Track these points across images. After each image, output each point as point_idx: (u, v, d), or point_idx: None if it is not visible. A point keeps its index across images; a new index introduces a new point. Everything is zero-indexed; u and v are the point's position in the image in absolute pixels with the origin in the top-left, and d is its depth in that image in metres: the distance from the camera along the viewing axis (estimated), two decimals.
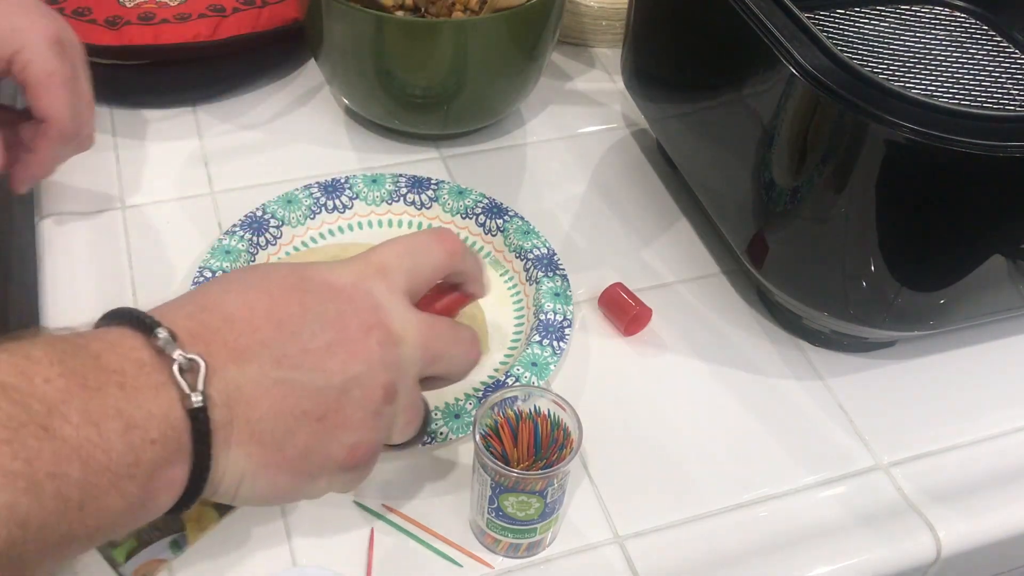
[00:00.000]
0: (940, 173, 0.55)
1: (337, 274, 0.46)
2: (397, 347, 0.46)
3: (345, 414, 0.44)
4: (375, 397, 0.45)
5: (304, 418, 0.43)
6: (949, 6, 0.78)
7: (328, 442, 0.44)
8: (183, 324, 0.41)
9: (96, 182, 0.77)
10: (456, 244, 0.50)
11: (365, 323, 0.45)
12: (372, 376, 0.44)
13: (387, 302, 0.46)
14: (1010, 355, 0.71)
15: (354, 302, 0.45)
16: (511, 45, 0.77)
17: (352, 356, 0.44)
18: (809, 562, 0.57)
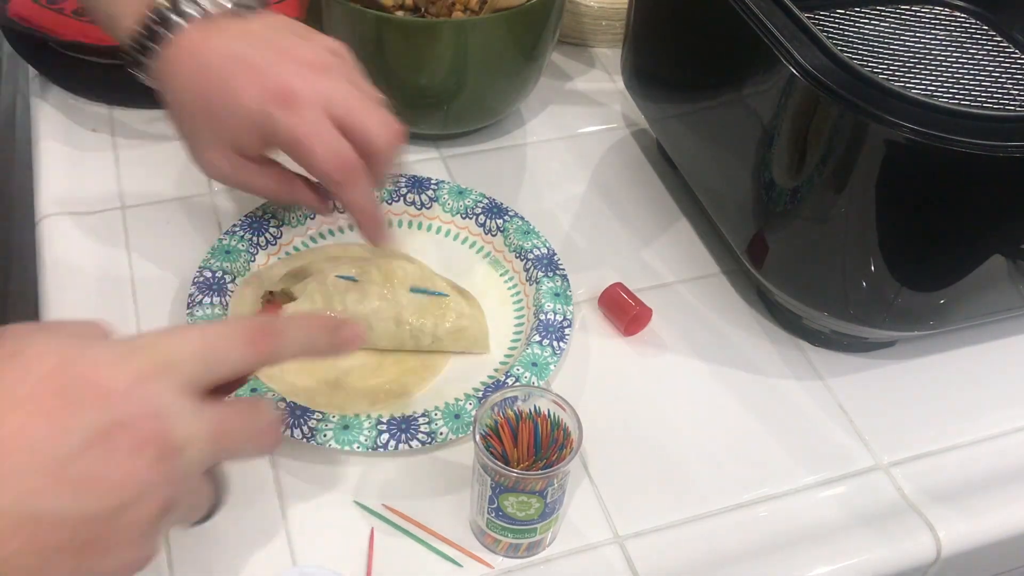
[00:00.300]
0: (940, 173, 0.55)
1: (112, 374, 0.40)
2: (178, 456, 0.40)
3: (110, 541, 0.39)
4: (147, 518, 0.40)
5: (61, 551, 0.38)
6: (949, 6, 0.78)
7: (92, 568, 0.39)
8: None
9: (96, 182, 0.77)
10: (265, 347, 0.44)
11: (139, 436, 0.39)
12: (144, 497, 0.40)
13: (169, 406, 0.40)
14: (1010, 355, 0.71)
15: (127, 408, 0.39)
16: (511, 45, 0.77)
17: (120, 479, 0.39)
18: (809, 562, 0.57)
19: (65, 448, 0.38)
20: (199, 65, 0.59)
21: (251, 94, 0.58)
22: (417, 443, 0.59)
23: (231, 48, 0.59)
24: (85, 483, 0.38)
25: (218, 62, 0.59)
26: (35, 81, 0.85)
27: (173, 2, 0.59)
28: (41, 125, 0.82)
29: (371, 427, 0.59)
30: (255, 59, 0.59)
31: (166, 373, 0.41)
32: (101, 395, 0.39)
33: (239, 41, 0.60)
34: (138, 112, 0.83)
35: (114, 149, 0.80)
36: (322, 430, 0.59)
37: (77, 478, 0.38)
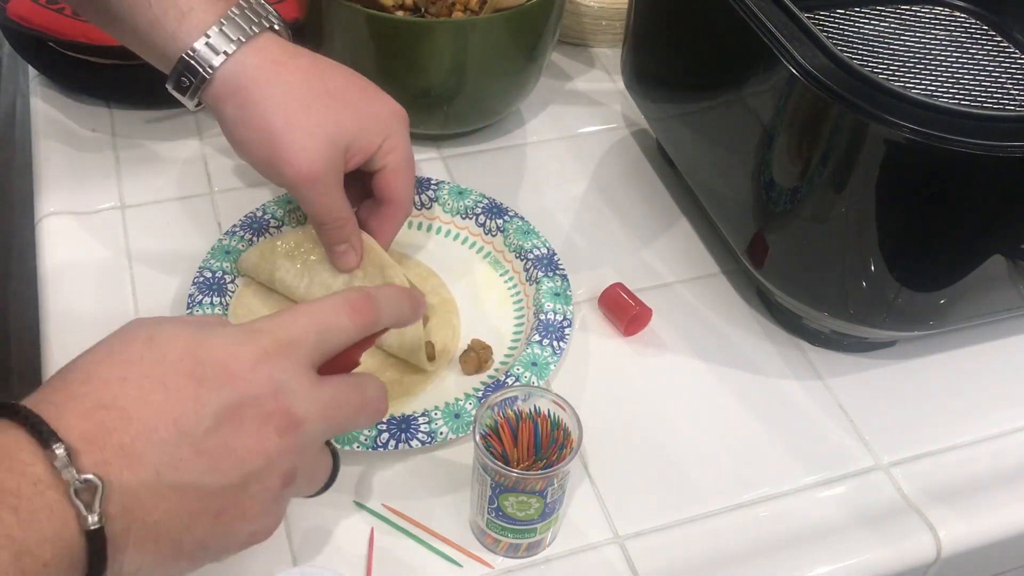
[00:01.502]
0: (940, 173, 0.55)
1: (236, 355, 0.44)
2: (298, 430, 0.44)
3: (243, 508, 0.44)
4: (274, 487, 0.44)
5: (201, 516, 0.42)
6: (949, 6, 0.78)
7: (226, 534, 0.44)
8: (79, 426, 0.40)
9: (96, 182, 0.77)
10: (368, 315, 0.48)
11: (263, 412, 0.43)
12: (270, 468, 0.44)
13: (289, 383, 0.44)
14: (1010, 355, 0.71)
15: (252, 388, 0.43)
16: (511, 45, 0.77)
17: (249, 452, 0.43)
18: (809, 562, 0.57)
19: (201, 424, 0.42)
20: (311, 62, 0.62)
21: (389, 104, 0.64)
22: (417, 443, 0.59)
23: None
24: (220, 455, 0.42)
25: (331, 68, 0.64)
26: (35, 81, 0.85)
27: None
28: (41, 125, 0.82)
29: (371, 427, 0.59)
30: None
31: (285, 353, 0.44)
32: (228, 375, 0.43)
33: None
34: (138, 112, 0.83)
35: (114, 149, 0.80)
36: None
37: (213, 450, 0.42)
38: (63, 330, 0.66)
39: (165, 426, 0.41)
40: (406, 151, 0.65)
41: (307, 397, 0.45)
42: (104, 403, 0.41)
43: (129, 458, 0.40)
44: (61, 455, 0.39)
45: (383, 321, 0.49)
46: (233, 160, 0.80)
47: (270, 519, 0.46)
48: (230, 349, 0.44)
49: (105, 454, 0.40)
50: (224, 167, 0.80)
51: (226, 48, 0.59)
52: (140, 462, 0.41)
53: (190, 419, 0.42)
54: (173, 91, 0.61)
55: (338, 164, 0.61)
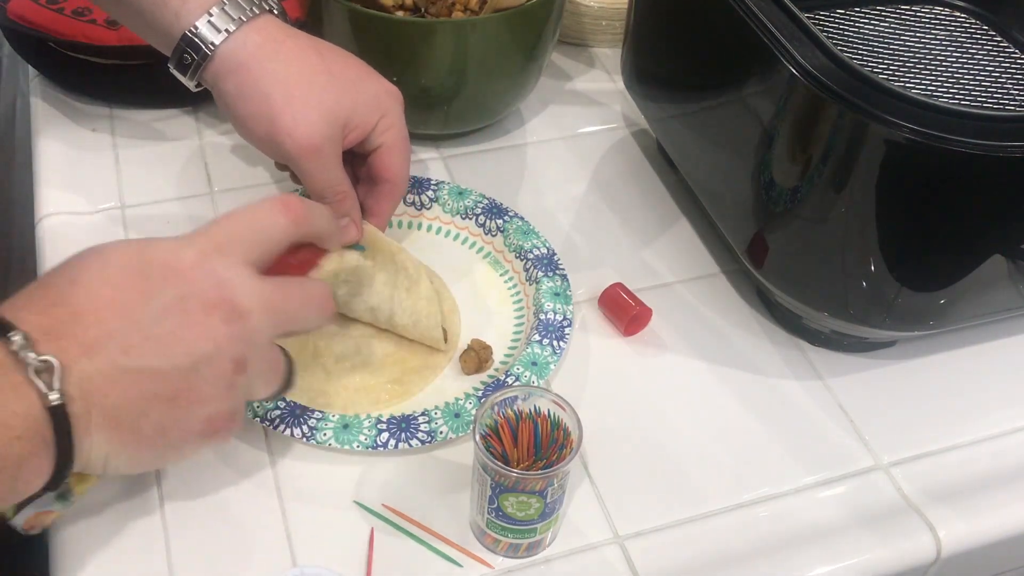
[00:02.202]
0: (940, 173, 0.55)
1: (178, 254, 0.47)
2: (243, 320, 0.47)
3: (197, 391, 0.47)
4: (225, 371, 0.47)
5: (155, 400, 0.46)
6: (949, 6, 0.78)
7: (183, 418, 0.47)
8: (36, 321, 0.44)
9: (96, 182, 0.77)
10: (299, 211, 0.51)
11: (207, 302, 0.47)
12: (219, 353, 0.47)
13: (231, 276, 0.48)
14: (1010, 355, 0.71)
15: (195, 283, 0.47)
16: (511, 45, 0.77)
17: (197, 337, 0.46)
18: (809, 562, 0.57)
19: (149, 314, 0.45)
20: (310, 42, 0.64)
21: (385, 84, 0.65)
22: (417, 442, 0.59)
23: None
24: (168, 340, 0.46)
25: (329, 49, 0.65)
26: (35, 81, 0.85)
27: None
28: (41, 125, 0.82)
29: (371, 427, 0.59)
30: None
31: (224, 249, 0.48)
32: (172, 272, 0.47)
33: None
34: (138, 112, 0.83)
35: (114, 149, 0.80)
36: (322, 429, 0.59)
37: (161, 336, 0.45)
38: None
39: (114, 317, 0.45)
40: (402, 130, 0.66)
41: (249, 290, 0.48)
42: (56, 302, 0.45)
43: (83, 346, 0.44)
44: (18, 340, 0.43)
45: (315, 222, 0.53)
46: (233, 160, 0.80)
47: (225, 403, 0.48)
48: (172, 251, 0.47)
49: (61, 343, 0.44)
50: (224, 167, 0.80)
51: (227, 27, 0.60)
52: (93, 349, 0.44)
53: (138, 310, 0.45)
54: (174, 70, 0.63)
55: (337, 138, 0.62)
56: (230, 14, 0.61)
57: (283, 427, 0.59)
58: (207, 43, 0.60)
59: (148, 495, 0.57)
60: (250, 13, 0.61)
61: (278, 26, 0.63)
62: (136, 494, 0.57)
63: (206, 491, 0.58)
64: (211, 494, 0.58)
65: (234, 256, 0.48)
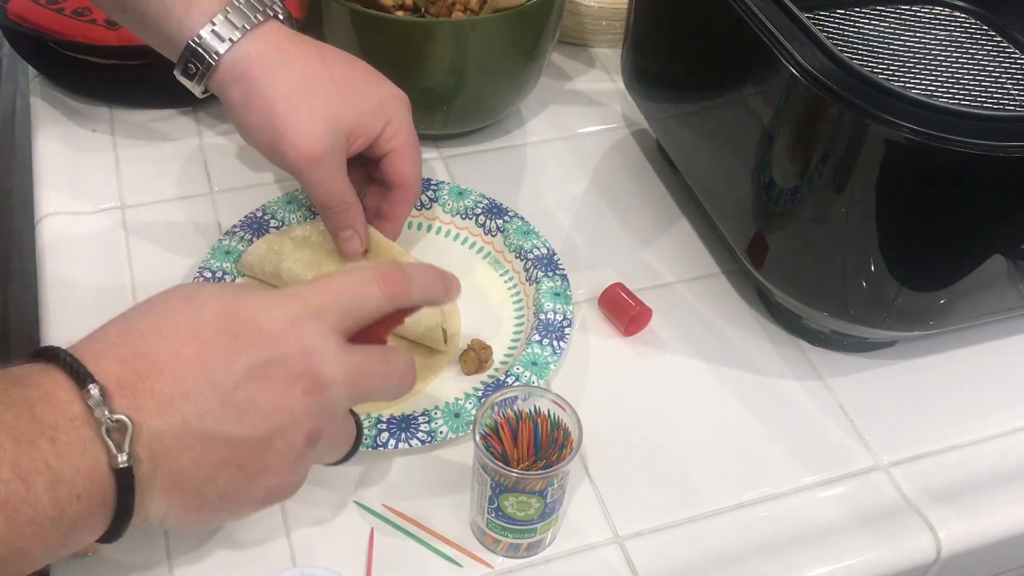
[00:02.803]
0: (940, 173, 0.55)
1: (269, 315, 0.45)
2: (324, 392, 0.46)
3: (265, 461, 0.45)
4: (297, 444, 0.46)
5: (224, 467, 0.44)
6: (949, 6, 0.78)
7: (248, 486, 0.46)
8: (114, 372, 0.42)
9: (96, 182, 0.77)
10: (399, 287, 0.49)
11: (292, 372, 0.45)
12: (295, 426, 0.45)
13: (318, 346, 0.46)
14: (1010, 355, 0.71)
15: (282, 348, 0.45)
16: (511, 45, 0.77)
17: (275, 408, 0.45)
18: (809, 562, 0.57)
19: (231, 378, 0.44)
20: (314, 48, 0.63)
21: (391, 89, 0.65)
22: (417, 442, 0.59)
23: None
24: (246, 408, 0.44)
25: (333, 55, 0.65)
26: (35, 81, 0.85)
27: None
28: (41, 125, 0.82)
29: (371, 426, 0.59)
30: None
31: (316, 317, 0.46)
32: (259, 334, 0.45)
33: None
34: (138, 112, 0.83)
35: (114, 149, 0.80)
36: None
37: (240, 404, 0.44)
38: (63, 330, 0.65)
39: (195, 376, 0.43)
40: (410, 134, 0.65)
41: (334, 361, 0.46)
42: (139, 352, 0.43)
43: (159, 405, 0.43)
44: (95, 395, 0.41)
45: (414, 295, 0.51)
46: (233, 160, 0.80)
47: (292, 476, 0.47)
48: (264, 310, 0.46)
49: (137, 399, 0.42)
50: (224, 167, 0.80)
51: (231, 35, 0.60)
52: (169, 409, 0.43)
53: (220, 372, 0.44)
54: (180, 77, 0.62)
55: (340, 147, 0.62)
56: (234, 22, 0.60)
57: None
58: (211, 52, 0.60)
59: None
60: (254, 20, 0.61)
61: (283, 33, 0.62)
62: None
63: None
64: None
65: (324, 323, 0.47)
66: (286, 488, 0.48)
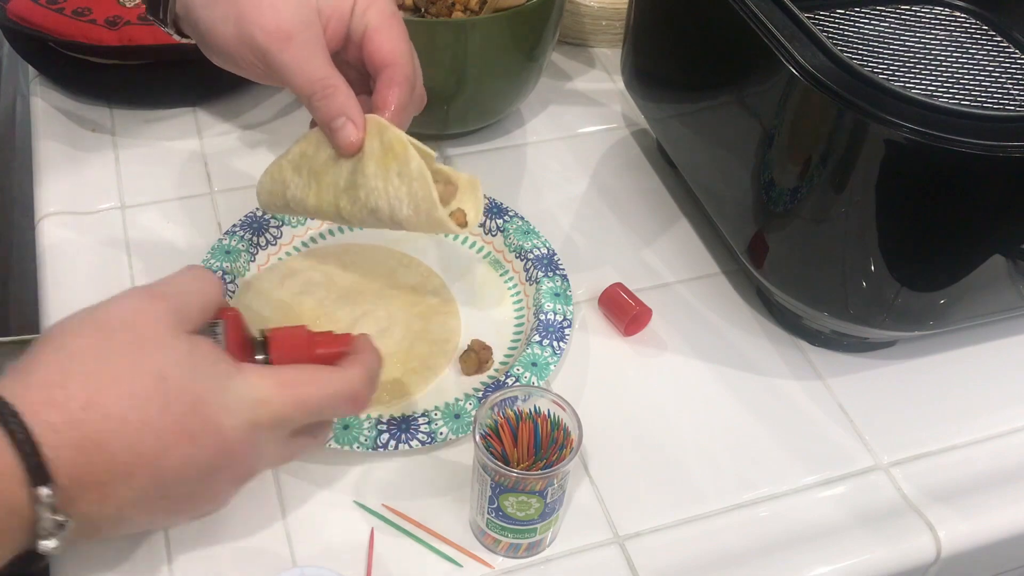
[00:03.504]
0: (940, 173, 0.55)
1: (234, 422, 0.46)
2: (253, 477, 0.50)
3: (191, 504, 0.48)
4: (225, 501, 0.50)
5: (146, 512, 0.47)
6: (949, 6, 0.78)
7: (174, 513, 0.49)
8: (68, 463, 0.42)
9: (96, 182, 0.77)
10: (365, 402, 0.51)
11: (236, 475, 0.48)
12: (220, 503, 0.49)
13: (269, 452, 0.49)
14: (1010, 355, 0.71)
15: (237, 458, 0.47)
16: (511, 45, 0.77)
17: (209, 501, 0.49)
18: (809, 562, 0.57)
19: (178, 479, 0.45)
20: None
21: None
22: (417, 443, 0.59)
23: None
24: (181, 502, 0.47)
25: None
26: (35, 81, 0.85)
27: None
28: (41, 125, 0.82)
29: (371, 427, 0.59)
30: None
31: (278, 427, 0.48)
32: (219, 440, 0.46)
33: None
34: (138, 112, 0.83)
35: (114, 149, 0.80)
36: None
37: (176, 498, 0.46)
38: None
39: (145, 477, 0.44)
40: (386, 6, 0.57)
41: (274, 457, 0.50)
42: (99, 442, 0.43)
43: (102, 497, 0.43)
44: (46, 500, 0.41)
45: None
46: (233, 160, 0.80)
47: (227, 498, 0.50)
48: (232, 415, 0.46)
49: (83, 492, 0.43)
50: (224, 167, 0.80)
51: None
52: (110, 499, 0.43)
53: (170, 477, 0.45)
54: (150, 15, 0.59)
55: (312, 23, 0.55)
56: None
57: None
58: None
59: None
60: None
61: None
62: None
63: None
64: None
65: (280, 432, 0.49)
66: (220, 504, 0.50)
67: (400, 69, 0.57)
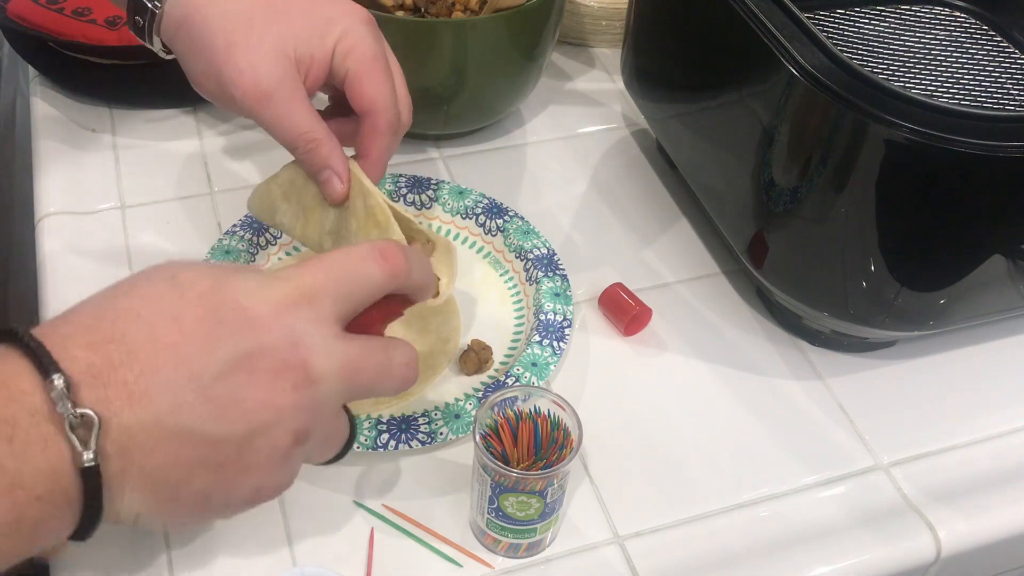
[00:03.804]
0: (940, 173, 0.55)
1: (257, 300, 0.42)
2: (314, 387, 0.42)
3: (247, 461, 0.42)
4: (283, 444, 0.42)
5: (200, 467, 0.41)
6: (949, 6, 0.78)
7: (227, 487, 0.42)
8: (83, 359, 0.39)
9: (96, 182, 0.77)
10: (400, 263, 0.45)
11: (279, 363, 0.41)
12: (280, 424, 0.41)
13: (310, 336, 0.42)
14: (1010, 355, 0.71)
15: (271, 336, 0.41)
16: (511, 45, 0.77)
17: (259, 404, 0.41)
18: (809, 562, 0.57)
19: (212, 369, 0.40)
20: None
21: (344, 5, 0.57)
22: (417, 443, 0.59)
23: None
24: (226, 404, 0.40)
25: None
26: (35, 81, 0.85)
27: None
28: (41, 125, 0.82)
29: (371, 427, 0.59)
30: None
31: (308, 302, 0.42)
32: (247, 321, 0.41)
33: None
34: (138, 112, 0.83)
35: (114, 149, 0.80)
36: None
37: (220, 398, 0.40)
38: None
39: (173, 367, 0.39)
40: (368, 51, 0.56)
41: (328, 352, 0.42)
42: (112, 337, 0.39)
43: (131, 396, 0.39)
44: (59, 386, 0.37)
45: (413, 277, 0.46)
46: (233, 160, 0.80)
47: (277, 477, 0.43)
48: (252, 293, 0.42)
49: (107, 391, 0.39)
50: (224, 167, 0.80)
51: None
52: (141, 402, 0.39)
53: (199, 363, 0.40)
54: (135, 34, 0.58)
55: (290, 78, 0.54)
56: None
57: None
58: (153, 1, 0.55)
59: None
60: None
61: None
62: None
63: None
64: None
65: (318, 309, 0.42)
66: (271, 489, 0.44)
67: (381, 116, 0.57)
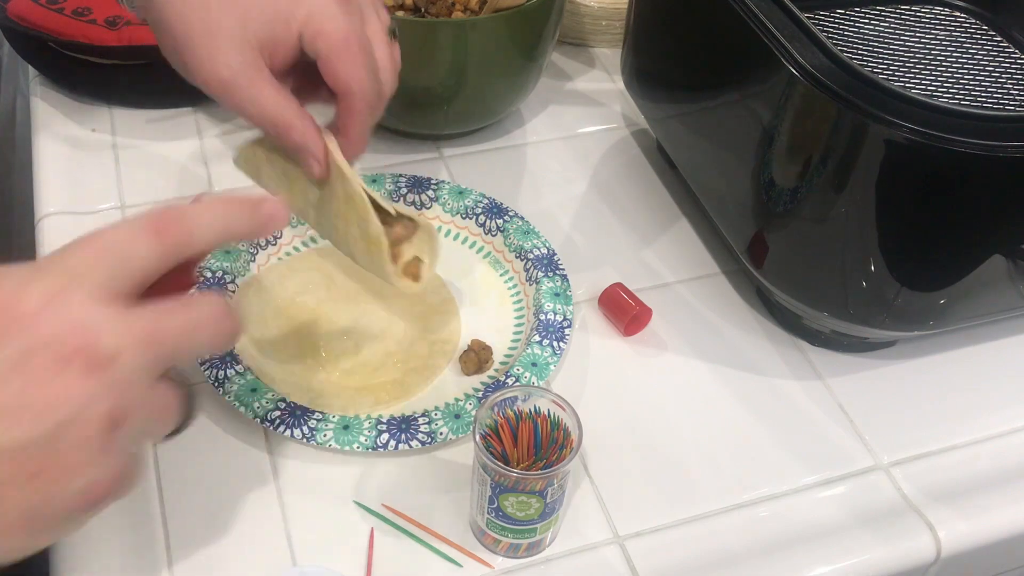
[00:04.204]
0: (940, 173, 0.55)
1: (21, 295, 0.38)
2: (110, 366, 0.39)
3: (63, 463, 0.38)
4: (94, 433, 0.38)
5: (10, 485, 0.37)
6: (949, 6, 0.78)
7: (51, 497, 0.38)
8: None
9: (96, 182, 0.77)
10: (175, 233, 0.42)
11: (61, 353, 0.38)
12: (82, 414, 0.38)
13: (88, 315, 0.39)
14: (1010, 355, 0.71)
15: (45, 328, 0.38)
16: (511, 45, 0.77)
17: (51, 399, 0.37)
18: (809, 562, 0.57)
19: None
20: None
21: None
22: (417, 443, 0.59)
23: None
24: (16, 409, 0.37)
25: None
26: (35, 81, 0.85)
27: None
28: (41, 125, 0.82)
29: (371, 427, 0.59)
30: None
31: (74, 285, 0.39)
32: (14, 320, 0.38)
33: None
34: (138, 112, 0.83)
35: (114, 149, 0.80)
36: (322, 430, 0.59)
37: (7, 406, 0.37)
38: None
39: None
40: (336, 31, 0.53)
41: (113, 327, 0.39)
42: None
43: None
44: None
45: (199, 241, 0.43)
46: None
47: (104, 470, 0.40)
48: (17, 290, 0.39)
49: None
50: (224, 167, 0.80)
51: None
52: None
53: None
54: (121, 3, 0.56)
55: (253, 63, 0.52)
56: None
57: (283, 428, 0.59)
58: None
59: (148, 495, 0.57)
60: None
61: None
62: (136, 495, 0.57)
63: (206, 491, 0.58)
64: (211, 494, 0.58)
65: (88, 290, 0.39)
66: (105, 485, 0.40)
67: (356, 98, 0.54)
